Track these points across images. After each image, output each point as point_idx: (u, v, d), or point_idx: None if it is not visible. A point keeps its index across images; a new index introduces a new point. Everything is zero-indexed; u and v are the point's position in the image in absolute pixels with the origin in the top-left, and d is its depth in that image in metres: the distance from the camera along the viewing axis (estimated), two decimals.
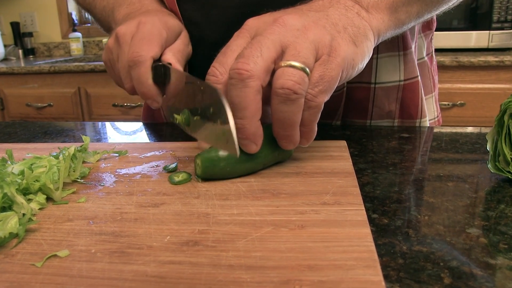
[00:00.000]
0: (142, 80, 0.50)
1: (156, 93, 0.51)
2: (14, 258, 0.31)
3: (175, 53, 0.55)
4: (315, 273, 0.27)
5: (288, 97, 0.39)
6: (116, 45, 0.54)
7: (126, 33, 0.53)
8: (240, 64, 0.39)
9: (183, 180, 0.43)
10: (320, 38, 0.40)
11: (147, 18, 0.54)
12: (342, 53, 0.41)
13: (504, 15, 1.94)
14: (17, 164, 0.42)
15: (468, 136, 0.63)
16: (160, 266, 0.28)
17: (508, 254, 0.32)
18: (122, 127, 0.76)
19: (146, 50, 0.50)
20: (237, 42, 0.43)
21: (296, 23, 0.41)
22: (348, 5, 0.45)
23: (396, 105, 0.71)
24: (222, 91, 0.41)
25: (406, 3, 0.50)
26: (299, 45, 0.39)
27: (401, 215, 0.39)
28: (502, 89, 1.83)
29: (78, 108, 2.31)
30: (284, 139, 0.43)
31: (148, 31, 0.52)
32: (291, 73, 0.38)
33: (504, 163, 0.44)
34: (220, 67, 0.42)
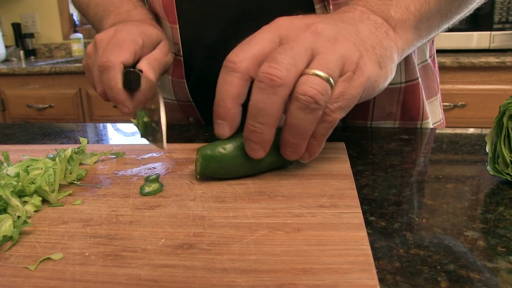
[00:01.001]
0: (111, 84, 0.51)
1: (126, 98, 0.52)
2: (7, 261, 0.31)
3: (151, 61, 0.56)
4: (310, 277, 0.26)
5: (308, 105, 0.38)
6: (93, 50, 0.56)
7: (103, 39, 0.55)
8: (273, 69, 0.37)
9: (153, 191, 0.41)
10: (349, 54, 0.39)
11: (124, 27, 0.56)
12: (367, 73, 0.40)
13: (505, 16, 1.94)
14: (12, 166, 0.42)
15: (468, 137, 0.63)
16: (154, 270, 0.28)
17: (506, 257, 0.31)
18: (122, 128, 0.76)
19: (116, 55, 0.51)
20: (264, 36, 0.41)
21: (328, 33, 0.40)
22: (377, 23, 0.44)
23: (397, 107, 0.71)
24: (241, 80, 0.40)
25: (428, 19, 0.49)
26: (328, 56, 0.39)
27: (399, 217, 0.38)
28: (503, 90, 1.82)
29: (79, 109, 2.31)
30: (290, 147, 0.41)
31: (122, 38, 0.53)
32: (316, 82, 0.37)
33: (503, 165, 0.44)
34: (241, 54, 0.40)
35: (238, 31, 0.65)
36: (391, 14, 0.46)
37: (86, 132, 0.75)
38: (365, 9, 0.46)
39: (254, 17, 0.64)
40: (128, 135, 0.72)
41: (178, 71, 0.72)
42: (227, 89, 0.40)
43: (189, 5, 0.67)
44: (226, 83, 0.40)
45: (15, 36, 2.96)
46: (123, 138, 0.70)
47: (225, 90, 0.40)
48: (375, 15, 0.45)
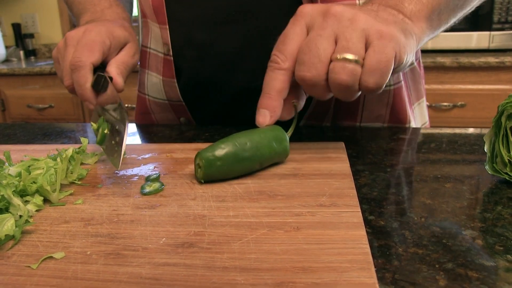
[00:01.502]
0: (80, 83, 0.55)
1: (92, 96, 0.56)
2: (10, 260, 0.31)
3: (119, 65, 0.60)
4: (309, 275, 0.27)
5: (342, 89, 0.43)
6: (64, 46, 0.60)
7: (74, 37, 0.59)
8: (303, 74, 0.43)
9: (154, 191, 0.42)
10: (370, 26, 0.42)
11: (94, 27, 0.60)
12: (393, 36, 0.42)
13: (504, 16, 1.94)
14: (14, 166, 0.42)
15: (466, 137, 0.63)
16: (155, 268, 0.28)
17: (503, 256, 0.32)
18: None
19: (87, 56, 0.56)
20: (294, 30, 0.45)
21: (347, 14, 0.43)
22: (394, 13, 0.47)
23: (386, 110, 0.71)
24: (286, 76, 0.45)
25: (439, 12, 0.52)
26: (349, 34, 0.42)
27: (398, 216, 0.39)
28: (502, 90, 1.82)
29: (79, 109, 2.31)
30: None
31: (91, 38, 0.58)
32: (340, 67, 0.41)
33: (502, 165, 0.44)
34: (281, 55, 0.45)
35: (227, 32, 0.66)
36: (405, 5, 0.49)
37: (86, 132, 0.75)
38: (381, 5, 0.49)
39: (243, 18, 0.65)
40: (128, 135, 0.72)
41: (168, 71, 0.72)
42: (273, 84, 0.46)
43: (179, 6, 0.68)
44: (272, 79, 0.46)
45: (15, 36, 2.96)
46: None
47: (272, 84, 0.46)
48: (391, 8, 0.48)
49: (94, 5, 0.71)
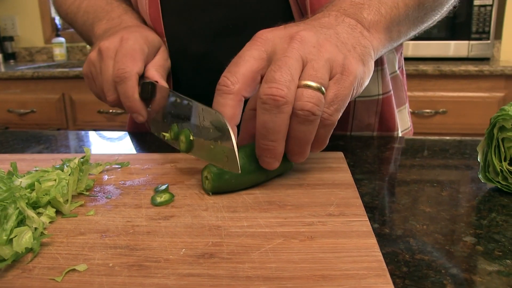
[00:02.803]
0: (128, 94, 0.54)
1: (142, 107, 0.55)
2: (32, 273, 0.31)
3: (158, 68, 0.59)
4: (330, 283, 0.28)
5: (307, 118, 0.40)
6: (98, 58, 0.58)
7: (110, 47, 0.56)
8: (275, 90, 0.39)
9: (164, 201, 0.42)
10: (334, 57, 0.42)
11: (129, 34, 0.58)
12: (354, 72, 0.42)
13: (482, 26, 2.01)
14: (24, 177, 0.43)
15: (457, 146, 0.66)
16: (180, 279, 0.30)
17: (503, 260, 0.34)
18: (108, 135, 0.76)
19: (131, 66, 0.54)
20: (250, 53, 0.43)
21: (312, 40, 0.42)
22: (352, 24, 0.46)
23: (375, 118, 0.74)
24: (235, 101, 0.42)
25: (398, 23, 0.52)
26: (316, 64, 0.41)
27: (401, 224, 0.41)
28: (482, 97, 1.88)
29: (62, 114, 2.29)
30: (297, 155, 0.44)
31: (131, 47, 0.56)
32: (310, 95, 0.40)
33: (494, 174, 0.47)
34: (231, 77, 0.42)
35: (223, 45, 0.67)
36: (364, 15, 0.48)
37: (83, 141, 0.75)
38: (339, 13, 0.48)
39: (239, 31, 0.66)
40: (113, 140, 0.73)
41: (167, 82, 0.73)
42: (222, 111, 0.42)
43: (175, 18, 0.69)
44: (221, 105, 0.42)
45: None
46: (111, 144, 0.71)
47: (221, 111, 0.42)
48: (349, 18, 0.47)
49: (108, 12, 0.69)
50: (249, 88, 0.43)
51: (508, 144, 0.44)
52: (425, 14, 0.57)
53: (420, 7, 0.54)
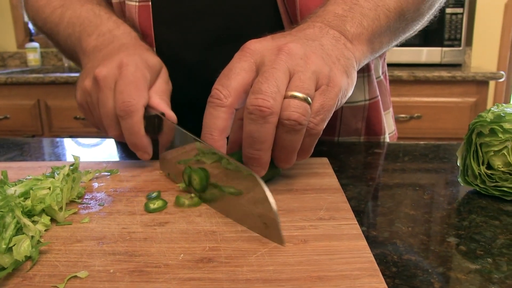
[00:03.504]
0: (134, 131, 0.50)
1: (148, 144, 0.51)
2: (33, 280, 0.32)
3: (161, 95, 0.55)
4: (326, 283, 0.30)
5: (293, 127, 0.41)
6: (95, 88, 0.52)
7: (108, 76, 0.51)
8: (261, 101, 0.40)
9: (158, 208, 0.43)
10: (320, 69, 0.43)
11: (128, 59, 0.52)
12: (339, 83, 0.44)
13: (454, 34, 2.08)
14: (17, 186, 0.43)
15: (435, 150, 0.68)
16: (182, 283, 0.30)
17: (485, 259, 0.36)
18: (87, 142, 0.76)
19: (137, 98, 0.49)
20: (241, 65, 0.43)
21: (299, 52, 0.43)
22: (336, 36, 0.48)
23: (362, 123, 0.76)
24: (227, 114, 0.43)
25: (380, 35, 0.54)
26: (303, 75, 0.42)
27: (387, 227, 0.42)
28: (455, 102, 1.94)
29: (38, 121, 2.25)
30: (284, 162, 0.45)
31: (133, 75, 0.51)
32: (296, 105, 0.41)
33: (473, 177, 0.49)
34: (224, 90, 0.43)
35: (217, 54, 0.68)
36: (347, 28, 0.50)
37: (65, 148, 0.75)
38: (323, 25, 0.49)
39: (232, 40, 0.67)
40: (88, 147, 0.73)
41: None
42: (214, 123, 0.43)
43: (167, 28, 0.69)
44: (213, 117, 0.43)
45: None
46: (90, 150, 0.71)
47: (213, 123, 0.43)
48: (333, 30, 0.49)
49: (97, 26, 0.62)
50: (240, 100, 0.44)
51: (485, 149, 0.47)
52: (406, 25, 0.59)
53: (401, 18, 0.56)
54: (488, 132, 0.46)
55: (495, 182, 0.47)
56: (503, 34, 2.37)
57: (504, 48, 2.39)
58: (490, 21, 2.37)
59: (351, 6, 0.51)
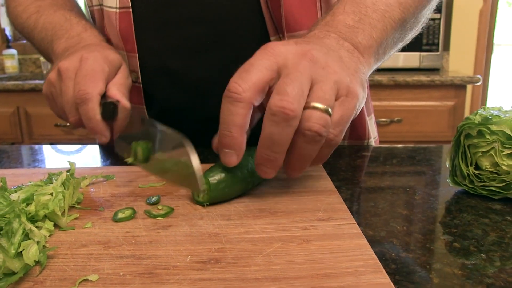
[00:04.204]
0: (90, 116, 0.53)
1: (105, 128, 0.54)
2: (44, 284, 0.32)
3: (119, 87, 0.58)
4: (333, 280, 0.31)
5: (314, 138, 0.41)
6: (58, 79, 0.57)
7: (69, 68, 0.55)
8: (286, 103, 0.39)
9: (124, 218, 0.43)
10: (341, 80, 0.43)
11: (89, 54, 0.57)
12: (357, 94, 0.44)
13: (431, 39, 2.13)
14: (19, 192, 0.43)
15: (422, 153, 0.70)
16: (193, 284, 0.31)
17: (479, 255, 0.38)
18: (64, 149, 0.76)
19: (92, 87, 0.53)
20: (263, 63, 0.42)
21: (321, 60, 0.43)
22: (350, 49, 0.48)
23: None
24: (246, 109, 0.41)
25: (386, 46, 0.55)
26: (325, 86, 0.42)
27: (383, 226, 0.44)
28: (433, 106, 1.99)
29: (17, 128, 2.21)
30: (297, 170, 0.45)
31: (91, 67, 0.55)
32: (318, 116, 0.41)
33: (461, 178, 0.51)
34: (243, 84, 0.41)
35: (201, 61, 0.69)
36: (359, 40, 0.50)
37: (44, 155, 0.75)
38: (337, 36, 0.50)
39: (217, 47, 0.68)
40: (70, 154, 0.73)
41: (137, 98, 0.73)
42: (232, 119, 0.41)
43: (150, 35, 0.69)
44: (231, 113, 0.41)
45: None
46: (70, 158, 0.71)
47: (231, 120, 0.41)
48: (347, 42, 0.49)
49: (67, 30, 0.67)
50: (258, 97, 0.42)
51: (473, 150, 0.49)
52: (405, 35, 0.61)
53: (403, 28, 0.57)
54: (476, 134, 0.48)
55: (483, 182, 0.49)
56: (479, 39, 2.45)
57: (480, 52, 2.46)
58: (466, 26, 2.44)
59: (361, 17, 0.51)
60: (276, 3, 0.64)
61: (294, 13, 0.65)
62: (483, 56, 2.47)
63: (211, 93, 0.71)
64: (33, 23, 0.72)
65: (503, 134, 0.46)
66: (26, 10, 0.74)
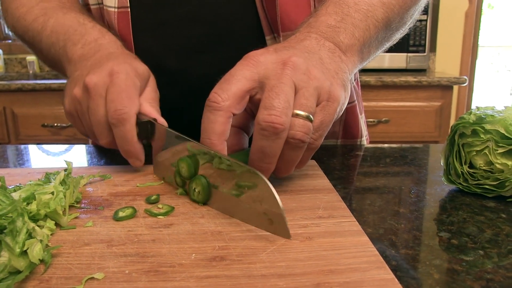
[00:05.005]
0: (127, 138, 0.50)
1: (141, 151, 0.52)
2: (50, 283, 0.32)
3: (152, 102, 0.56)
4: (338, 276, 0.32)
5: (297, 145, 0.43)
6: (85, 95, 0.52)
7: (98, 84, 0.51)
8: (274, 117, 0.41)
9: (125, 216, 0.43)
10: (322, 85, 0.45)
11: (119, 67, 0.53)
12: (338, 98, 0.46)
13: (418, 40, 2.16)
14: (20, 191, 0.43)
15: (414, 152, 0.72)
16: (200, 281, 0.31)
17: (477, 251, 0.39)
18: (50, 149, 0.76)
19: (129, 106, 0.50)
20: (243, 73, 0.44)
21: (302, 67, 0.44)
22: (331, 48, 0.50)
23: (339, 127, 0.79)
24: (225, 118, 0.44)
25: (369, 45, 0.56)
26: (307, 92, 0.43)
27: (381, 224, 0.45)
28: (420, 106, 2.02)
29: (4, 129, 2.18)
30: (284, 173, 0.48)
31: (124, 83, 0.51)
32: (300, 124, 0.43)
33: (455, 176, 0.52)
34: (222, 94, 0.43)
35: (198, 61, 0.69)
36: (341, 39, 0.51)
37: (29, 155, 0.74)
38: (319, 36, 0.51)
39: (214, 47, 0.69)
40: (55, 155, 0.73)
41: None
42: (212, 127, 0.43)
43: (148, 36, 0.69)
44: (211, 122, 0.43)
45: None
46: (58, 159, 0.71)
47: (210, 128, 0.43)
48: (328, 41, 0.50)
49: (83, 35, 0.62)
50: (238, 106, 0.44)
51: (468, 149, 0.50)
52: (391, 34, 0.62)
53: (387, 28, 0.58)
54: (470, 133, 0.49)
55: (477, 180, 0.50)
56: (465, 40, 2.49)
57: (466, 53, 2.50)
58: (452, 28, 2.48)
59: (343, 17, 0.52)
60: (271, 3, 0.64)
61: (289, 12, 0.65)
62: (469, 57, 2.51)
63: (208, 93, 0.71)
64: (40, 26, 0.67)
65: (497, 133, 0.47)
66: (30, 12, 0.69)
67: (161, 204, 0.45)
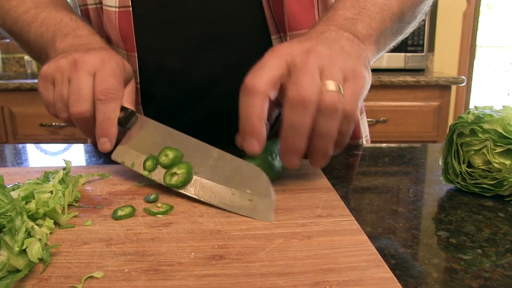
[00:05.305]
0: (110, 117, 0.52)
1: (116, 134, 0.53)
2: (49, 282, 0.32)
3: (130, 102, 0.57)
4: (337, 274, 0.32)
5: (331, 114, 0.44)
6: (71, 67, 0.53)
7: (88, 62, 0.53)
8: (302, 90, 0.43)
9: (124, 215, 0.43)
10: (345, 65, 0.47)
11: (111, 57, 0.55)
12: (363, 74, 0.48)
13: (416, 40, 2.16)
14: (19, 190, 0.43)
15: (412, 151, 0.72)
16: (199, 279, 0.32)
17: (475, 250, 0.39)
18: (48, 149, 0.76)
19: (118, 89, 0.52)
20: (274, 62, 0.46)
21: (325, 53, 0.46)
22: (350, 38, 0.52)
23: None
24: (262, 101, 0.45)
25: (385, 36, 0.58)
26: (332, 69, 0.45)
27: (379, 223, 0.45)
28: (418, 106, 2.02)
29: (1, 128, 2.18)
30: (321, 154, 0.48)
31: (114, 70, 0.54)
32: (330, 92, 0.44)
33: (454, 175, 0.52)
34: (258, 79, 0.45)
35: (200, 60, 0.69)
36: (359, 29, 0.53)
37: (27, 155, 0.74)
38: (337, 28, 0.53)
39: (216, 46, 0.69)
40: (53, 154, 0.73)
41: None
42: (252, 111, 0.45)
43: (150, 34, 0.69)
44: (250, 105, 0.45)
45: None
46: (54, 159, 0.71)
47: (250, 111, 0.45)
48: (347, 32, 0.53)
49: (74, 29, 0.63)
50: (273, 91, 0.46)
51: (466, 148, 0.50)
52: (404, 27, 0.64)
53: (401, 21, 0.60)
54: (469, 133, 0.49)
55: (475, 180, 0.50)
56: (463, 40, 2.49)
57: (464, 53, 2.50)
58: (450, 28, 2.48)
59: (360, 10, 0.54)
60: (279, 3, 0.64)
61: (294, 12, 0.65)
62: (467, 57, 2.51)
63: (211, 91, 0.71)
64: (31, 17, 0.68)
65: (495, 132, 0.47)
66: (22, 4, 0.70)
67: (160, 203, 0.45)
